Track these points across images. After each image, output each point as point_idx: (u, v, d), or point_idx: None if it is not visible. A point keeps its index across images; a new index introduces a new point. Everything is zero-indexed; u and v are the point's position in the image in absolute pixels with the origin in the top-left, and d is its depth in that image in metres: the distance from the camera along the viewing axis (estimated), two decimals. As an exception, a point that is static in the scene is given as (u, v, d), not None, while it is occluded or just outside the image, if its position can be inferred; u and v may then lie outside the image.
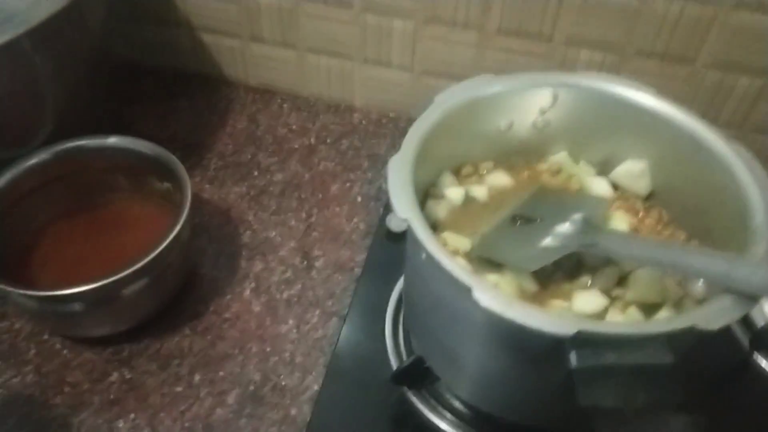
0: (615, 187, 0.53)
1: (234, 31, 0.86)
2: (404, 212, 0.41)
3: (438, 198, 0.52)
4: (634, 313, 0.44)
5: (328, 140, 0.85)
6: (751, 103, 0.74)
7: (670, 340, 0.36)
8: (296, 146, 0.84)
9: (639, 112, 0.50)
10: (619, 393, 0.34)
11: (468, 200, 0.52)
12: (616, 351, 0.36)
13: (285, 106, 0.90)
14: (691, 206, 0.49)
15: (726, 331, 0.36)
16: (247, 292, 0.68)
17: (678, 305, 0.45)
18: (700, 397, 0.33)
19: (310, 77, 0.88)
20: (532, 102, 0.52)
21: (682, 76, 0.74)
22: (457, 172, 0.54)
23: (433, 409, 0.56)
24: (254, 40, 0.86)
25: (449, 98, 0.49)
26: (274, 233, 0.74)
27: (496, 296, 0.36)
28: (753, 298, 0.36)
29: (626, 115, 0.50)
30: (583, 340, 0.35)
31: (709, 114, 0.73)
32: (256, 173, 0.80)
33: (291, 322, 0.65)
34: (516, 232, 0.49)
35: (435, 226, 0.49)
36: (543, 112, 0.52)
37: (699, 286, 0.46)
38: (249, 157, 0.82)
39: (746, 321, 0.60)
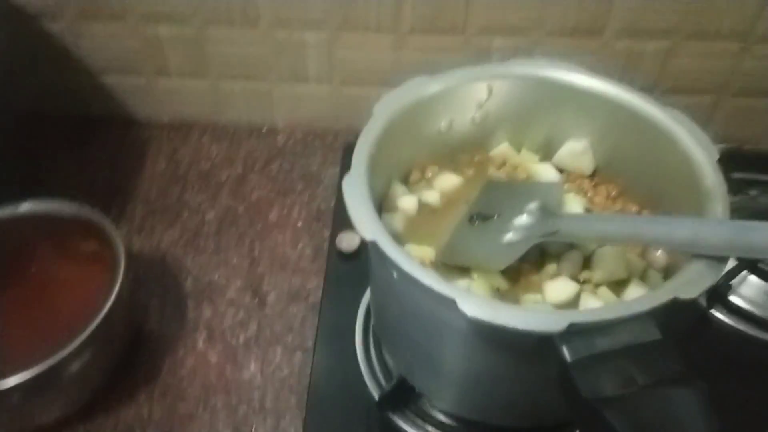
0: (560, 169, 0.53)
1: (137, 67, 0.82)
2: (370, 234, 0.39)
3: (392, 210, 0.50)
4: (605, 293, 0.44)
5: (257, 167, 0.82)
6: (661, 65, 0.76)
7: (655, 315, 0.35)
8: (224, 179, 0.80)
9: (573, 92, 0.50)
10: (618, 378, 0.33)
11: (422, 207, 0.51)
12: (605, 337, 0.35)
13: (204, 138, 0.86)
14: (637, 177, 0.49)
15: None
16: (201, 343, 0.64)
17: (643, 277, 0.46)
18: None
19: (226, 104, 0.85)
20: (469, 98, 0.51)
21: (593, 49, 0.75)
22: (405, 181, 0.53)
23: (418, 427, 0.54)
24: (160, 75, 0.82)
25: (388, 107, 0.47)
26: (217, 275, 0.70)
27: (482, 304, 0.35)
28: (722, 259, 0.37)
29: (561, 96, 0.50)
30: (572, 333, 0.35)
31: (624, 81, 0.75)
32: (186, 214, 0.76)
33: (253, 366, 0.62)
34: (476, 232, 0.48)
35: (396, 240, 0.47)
36: (480, 106, 0.52)
37: (659, 255, 0.46)
38: (175, 198, 0.78)
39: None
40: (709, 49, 0.74)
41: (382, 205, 0.50)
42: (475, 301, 0.35)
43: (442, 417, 0.54)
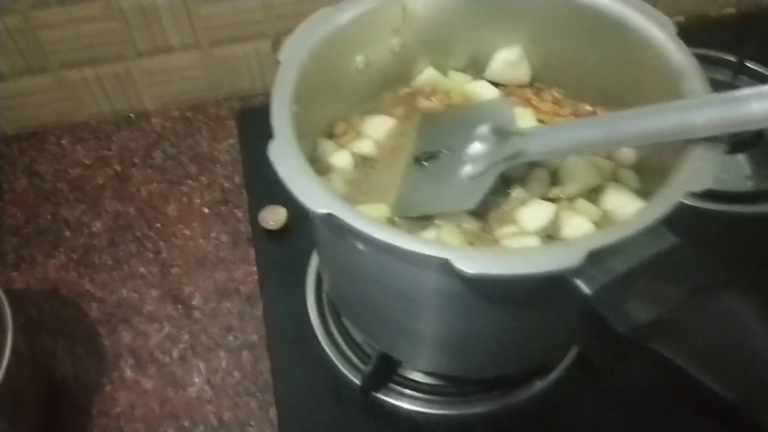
0: (495, 84, 0.49)
1: (-39, 76, 0.68)
2: (322, 206, 0.32)
3: (326, 172, 0.43)
4: (585, 206, 0.41)
5: (136, 160, 0.72)
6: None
7: (665, 219, 0.32)
8: (101, 182, 0.71)
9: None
10: (649, 299, 0.30)
11: (359, 162, 0.44)
12: (620, 256, 0.31)
13: (64, 141, 0.75)
14: (583, 75, 0.46)
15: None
16: (129, 372, 0.56)
17: (616, 177, 0.43)
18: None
19: (81, 97, 0.73)
20: (382, 24, 0.45)
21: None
22: (330, 136, 0.46)
23: (401, 395, 0.50)
24: (-8, 80, 0.69)
25: (295, 50, 0.40)
26: (126, 291, 0.62)
27: (481, 258, 0.30)
28: (718, 140, 0.33)
29: (484, 2, 0.45)
30: (586, 263, 0.30)
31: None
32: (68, 233, 0.66)
33: (197, 380, 0.56)
34: (428, 174, 0.43)
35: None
36: (396, 31, 0.45)
37: (626, 151, 0.43)
38: (49, 217, 0.68)
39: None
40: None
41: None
42: (473, 255, 0.30)
43: (424, 378, 0.51)
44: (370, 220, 0.32)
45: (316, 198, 0.32)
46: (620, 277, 0.30)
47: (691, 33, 0.79)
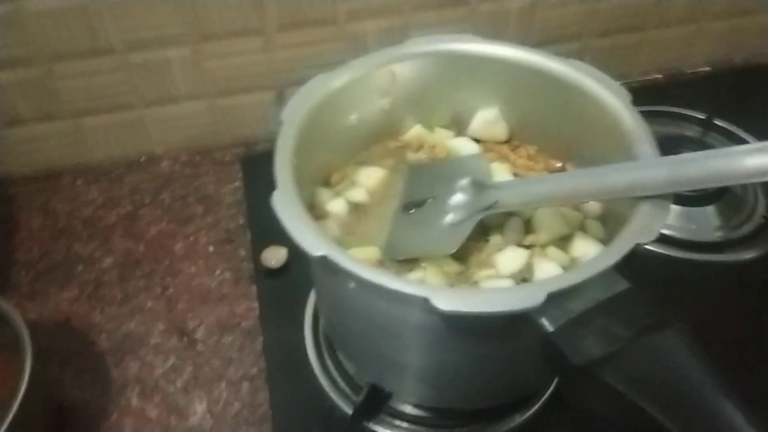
0: (476, 140, 0.53)
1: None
2: (317, 249, 0.36)
3: (323, 218, 0.48)
4: (555, 252, 0.45)
5: (146, 201, 0.76)
6: (528, 20, 0.79)
7: (617, 266, 0.36)
8: (113, 221, 0.74)
9: (473, 61, 0.50)
10: (602, 337, 0.34)
11: (352, 208, 0.49)
12: (579, 298, 0.35)
13: (78, 182, 0.78)
14: (553, 133, 0.50)
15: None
16: (135, 401, 0.59)
17: (584, 227, 0.47)
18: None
19: (95, 142, 0.77)
20: (373, 87, 0.50)
21: (461, 17, 0.76)
22: (327, 184, 0.50)
23: (393, 427, 0.53)
24: (12, 125, 0.73)
25: (296, 110, 0.45)
26: (133, 324, 0.64)
27: (455, 296, 0.34)
28: (665, 197, 0.38)
29: (463, 67, 0.50)
30: (546, 303, 0.34)
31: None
32: (80, 268, 0.69)
33: (199, 409, 0.58)
34: (414, 221, 0.47)
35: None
36: (386, 92, 0.50)
37: (592, 204, 0.48)
38: (63, 253, 0.71)
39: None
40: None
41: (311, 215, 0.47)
42: (447, 294, 0.34)
43: (413, 410, 0.54)
44: (359, 262, 0.36)
45: (313, 242, 0.37)
46: (578, 317, 0.35)
47: (666, 90, 0.86)
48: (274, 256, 0.65)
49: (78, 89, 0.72)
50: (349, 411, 0.53)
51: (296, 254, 0.64)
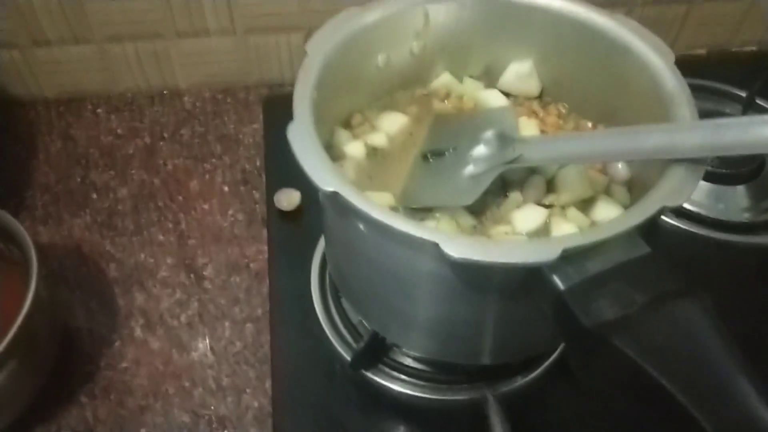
0: (506, 94, 0.51)
1: (9, 40, 0.72)
2: (329, 184, 0.35)
3: (340, 159, 0.46)
4: (575, 214, 0.43)
5: (166, 135, 0.76)
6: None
7: (641, 228, 0.34)
8: (131, 152, 0.74)
9: (512, 10, 0.47)
10: (616, 300, 0.32)
11: (371, 152, 0.47)
12: (596, 258, 0.34)
13: (100, 110, 0.78)
14: (588, 92, 0.48)
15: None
16: (138, 331, 0.59)
17: (608, 192, 0.45)
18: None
19: (120, 70, 0.77)
20: (405, 27, 0.48)
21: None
22: (347, 126, 0.49)
23: (392, 378, 0.53)
24: (38, 45, 0.73)
25: (322, 44, 0.43)
26: (143, 256, 0.65)
27: (468, 244, 0.33)
28: (699, 161, 0.36)
29: (500, 16, 0.48)
30: (561, 261, 0.33)
31: None
32: (95, 196, 0.69)
33: (201, 345, 0.58)
34: (433, 170, 0.46)
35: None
36: (417, 34, 0.48)
37: (620, 167, 0.46)
38: (79, 180, 0.71)
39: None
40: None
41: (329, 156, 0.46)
42: (459, 241, 0.33)
43: (413, 363, 0.53)
44: (370, 201, 0.35)
45: (325, 177, 0.35)
46: (593, 278, 0.33)
47: (710, 66, 0.82)
48: (287, 199, 0.64)
49: (107, 13, 0.71)
50: (349, 359, 0.52)
51: (309, 199, 0.64)
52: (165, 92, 0.79)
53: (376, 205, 0.35)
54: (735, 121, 0.34)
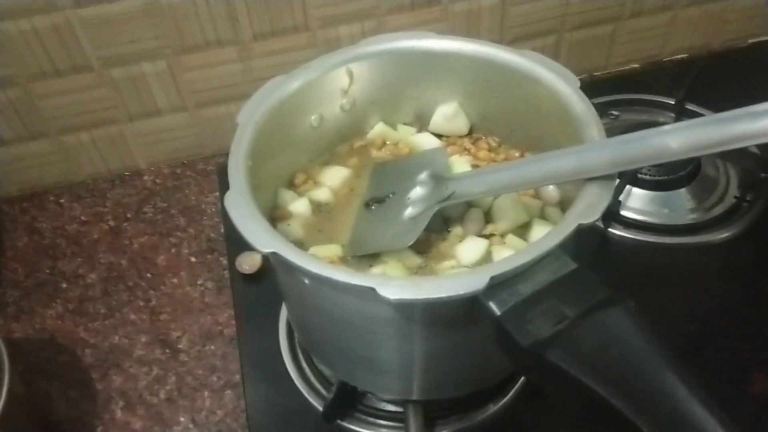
0: (438, 136, 0.54)
1: (-32, 143, 0.74)
2: (266, 246, 0.37)
3: (286, 219, 0.48)
4: (514, 240, 0.45)
5: (129, 215, 0.77)
6: (501, 17, 0.79)
7: (565, 246, 0.36)
8: (96, 236, 0.75)
9: (430, 57, 0.50)
10: (549, 317, 0.34)
11: (316, 207, 0.49)
12: (527, 281, 0.35)
13: (63, 200, 0.79)
14: (512, 124, 0.50)
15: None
16: (119, 413, 0.59)
17: (544, 215, 0.47)
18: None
19: (78, 159, 0.78)
20: (331, 87, 0.50)
21: (435, 17, 0.77)
22: (291, 185, 0.51)
23: (370, 425, 0.53)
24: (-5, 145, 0.74)
25: (251, 113, 0.45)
26: (117, 337, 0.65)
27: (401, 285, 0.34)
28: (610, 177, 0.38)
29: (420, 64, 0.51)
30: (495, 287, 0.35)
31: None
32: (64, 285, 0.70)
33: (183, 419, 0.59)
34: (376, 216, 0.47)
35: (298, 246, 0.45)
36: (345, 92, 0.51)
37: (551, 190, 0.48)
38: (48, 271, 0.72)
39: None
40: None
41: (273, 216, 0.48)
42: (393, 283, 0.34)
43: (390, 407, 0.54)
44: (308, 256, 0.37)
45: (263, 239, 0.37)
46: (526, 299, 0.35)
47: (643, 78, 0.86)
48: (248, 262, 0.65)
49: (59, 107, 0.73)
50: (323, 411, 0.53)
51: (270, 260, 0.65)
52: (126, 174, 0.81)
53: (314, 260, 0.36)
54: (635, 135, 0.36)
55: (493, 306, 0.35)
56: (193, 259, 0.71)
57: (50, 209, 0.78)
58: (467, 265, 0.44)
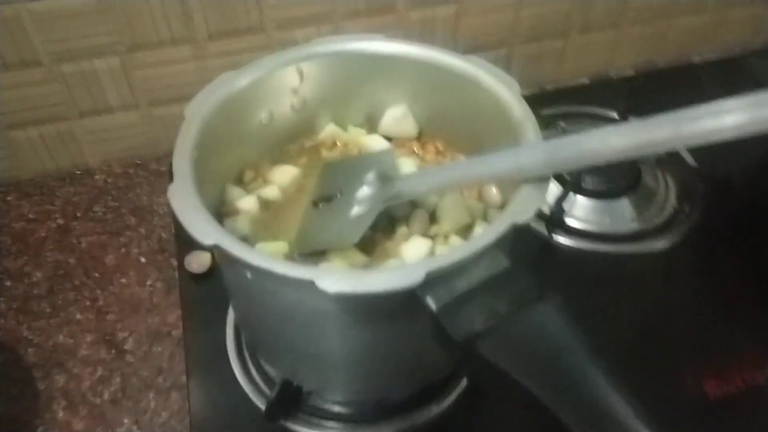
0: (388, 138, 0.55)
1: None
2: (208, 237, 0.37)
3: (233, 215, 0.48)
4: (456, 241, 0.46)
5: (79, 214, 0.75)
6: (454, 27, 0.81)
7: (500, 245, 0.37)
8: (44, 234, 0.73)
9: (379, 60, 0.51)
10: (483, 313, 0.35)
11: (264, 205, 0.50)
12: (462, 277, 0.36)
13: (9, 198, 0.77)
14: (458, 128, 0.52)
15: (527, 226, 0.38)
16: (61, 414, 0.58)
17: (485, 217, 0.48)
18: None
19: (26, 156, 0.77)
20: (281, 85, 0.51)
21: (390, 23, 0.78)
22: (239, 182, 0.51)
23: (316, 426, 0.53)
24: (-64, 139, 0.73)
25: (199, 108, 0.45)
26: (62, 337, 0.64)
27: (340, 277, 0.35)
28: (544, 179, 0.40)
29: (369, 66, 0.52)
30: (432, 282, 0.35)
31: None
32: (8, 283, 0.68)
33: (126, 420, 0.58)
34: (323, 215, 0.48)
35: (244, 242, 0.46)
36: (295, 91, 0.51)
37: (494, 194, 0.49)
38: (-9, 268, 0.69)
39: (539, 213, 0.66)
40: (492, 5, 0.80)
41: (220, 211, 0.48)
42: (332, 275, 0.35)
43: (337, 408, 0.54)
44: (249, 249, 0.37)
45: (205, 231, 0.37)
46: (461, 295, 0.36)
47: (591, 93, 0.89)
48: (197, 261, 0.65)
49: (7, 102, 0.72)
50: (264, 410, 0.53)
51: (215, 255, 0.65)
52: (77, 172, 0.80)
53: (255, 253, 0.37)
54: (569, 139, 0.38)
55: (430, 301, 0.35)
56: (142, 260, 0.70)
57: (-5, 207, 0.76)
58: (411, 263, 0.45)
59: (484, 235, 0.37)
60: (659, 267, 0.66)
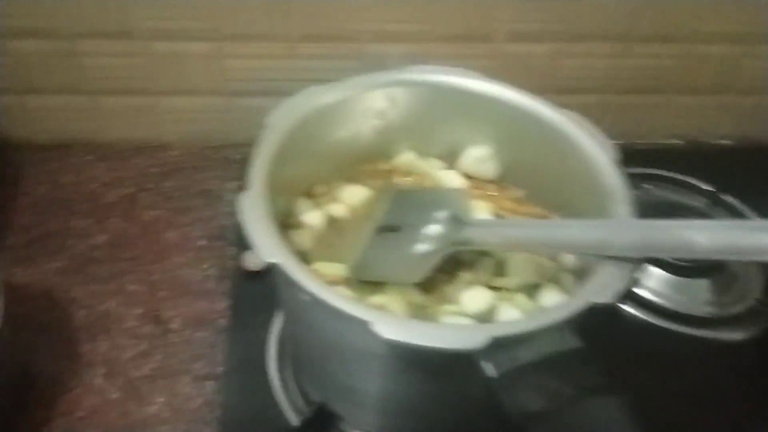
0: (466, 176, 0.53)
1: (4, 86, 0.74)
2: (271, 256, 0.36)
3: (298, 227, 0.48)
4: (521, 300, 0.44)
5: (149, 186, 0.77)
6: (551, 65, 0.78)
7: (572, 322, 0.35)
8: (113, 200, 0.75)
9: (472, 98, 0.50)
10: (542, 392, 0.33)
11: (329, 222, 0.49)
12: (527, 348, 0.34)
13: (89, 158, 0.79)
14: (541, 181, 0.50)
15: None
16: (99, 380, 0.59)
17: (556, 280, 0.46)
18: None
19: (109, 121, 0.79)
20: (368, 106, 0.50)
21: (484, 53, 0.76)
22: (309, 195, 0.51)
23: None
24: (29, 93, 0.75)
25: (282, 118, 0.45)
26: (113, 304, 0.65)
27: (398, 325, 0.34)
28: (632, 260, 0.37)
29: (460, 102, 0.50)
30: (493, 347, 0.34)
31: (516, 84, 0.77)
32: (72, 241, 0.70)
33: (160, 399, 0.58)
34: (386, 244, 0.47)
35: (303, 258, 0.45)
36: (379, 115, 0.50)
37: (568, 256, 0.47)
38: (59, 224, 0.72)
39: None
40: (592, 50, 0.77)
41: (286, 222, 0.48)
42: (390, 321, 0.34)
43: (371, 437, 0.53)
44: (309, 274, 0.36)
45: (270, 248, 0.37)
46: (523, 367, 0.34)
47: (684, 157, 0.84)
48: (255, 259, 0.65)
49: (100, 68, 0.74)
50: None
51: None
52: (154, 144, 0.81)
53: (314, 279, 0.36)
54: (666, 223, 0.35)
55: (489, 367, 0.34)
56: (202, 243, 0.71)
57: (73, 164, 0.78)
58: (469, 314, 0.43)
59: (558, 308, 0.35)
60: (729, 358, 0.62)
